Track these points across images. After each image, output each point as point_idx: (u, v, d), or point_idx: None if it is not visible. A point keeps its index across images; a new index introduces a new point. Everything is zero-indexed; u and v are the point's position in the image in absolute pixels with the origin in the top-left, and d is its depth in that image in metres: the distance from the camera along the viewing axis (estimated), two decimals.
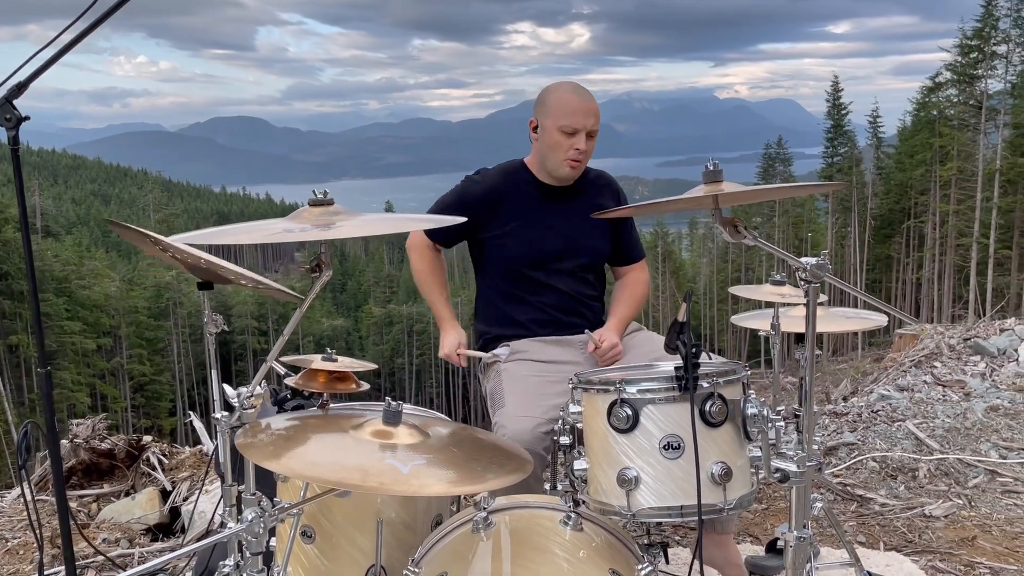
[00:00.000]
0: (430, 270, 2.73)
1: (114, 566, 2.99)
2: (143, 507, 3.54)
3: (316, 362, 2.11)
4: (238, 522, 1.58)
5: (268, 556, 1.79)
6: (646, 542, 1.79)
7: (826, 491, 3.67)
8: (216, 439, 1.74)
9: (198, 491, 3.46)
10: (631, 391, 1.58)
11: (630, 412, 1.57)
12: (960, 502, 3.49)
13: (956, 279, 37.61)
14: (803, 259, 1.58)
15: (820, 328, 1.90)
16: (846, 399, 6.99)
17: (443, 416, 2.01)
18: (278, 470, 1.41)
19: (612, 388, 1.59)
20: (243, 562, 1.67)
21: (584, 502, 1.68)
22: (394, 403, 1.56)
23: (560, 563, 1.59)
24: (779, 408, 1.67)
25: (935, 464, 3.87)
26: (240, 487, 1.74)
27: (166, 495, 3.66)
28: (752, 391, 1.66)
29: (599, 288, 2.74)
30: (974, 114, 36.20)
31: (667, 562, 1.93)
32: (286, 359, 2.25)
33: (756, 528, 3.32)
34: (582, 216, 2.56)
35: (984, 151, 35.20)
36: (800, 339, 1.63)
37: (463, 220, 1.75)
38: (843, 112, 44.75)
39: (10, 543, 3.29)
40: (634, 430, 1.58)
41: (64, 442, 3.87)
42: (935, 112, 38.87)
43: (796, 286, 1.67)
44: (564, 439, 1.78)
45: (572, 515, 1.65)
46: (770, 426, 1.59)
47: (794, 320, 2.37)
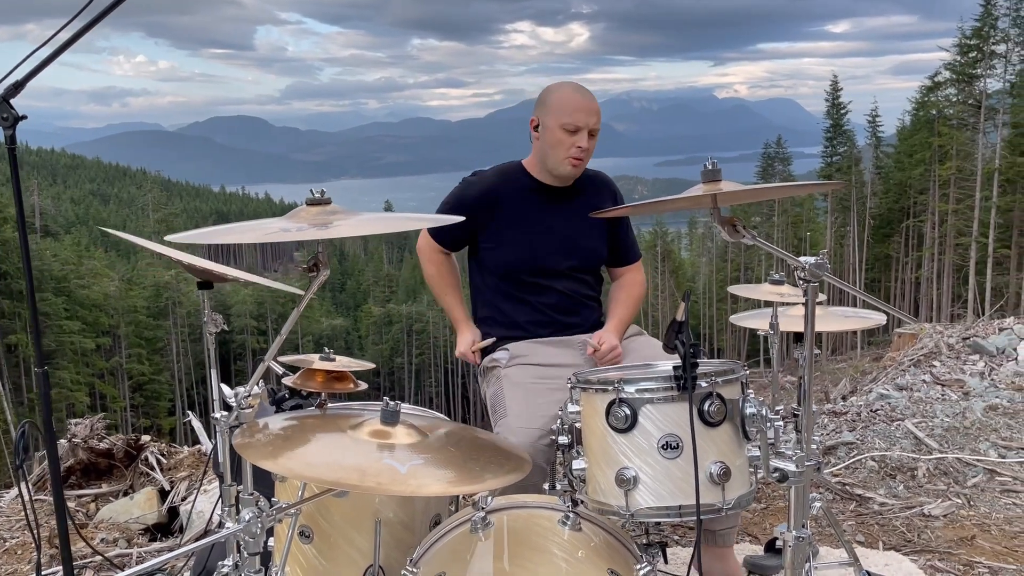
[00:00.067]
0: (440, 274, 2.74)
1: (112, 566, 2.99)
2: (141, 507, 3.54)
3: (314, 362, 2.10)
4: (236, 522, 1.58)
5: (266, 556, 1.79)
6: (645, 542, 1.79)
7: (825, 490, 3.67)
8: (215, 439, 1.74)
9: (196, 491, 3.46)
10: (629, 391, 1.58)
11: (628, 412, 1.56)
12: (959, 501, 3.49)
13: (955, 278, 37.64)
14: (802, 258, 1.57)
15: (819, 327, 1.90)
16: (845, 398, 6.99)
17: (442, 416, 2.01)
18: (275, 470, 1.41)
19: (610, 388, 1.59)
20: (241, 562, 1.66)
21: (582, 502, 1.68)
22: (392, 403, 1.56)
23: (558, 563, 1.59)
24: (778, 408, 1.66)
25: (934, 463, 3.87)
26: (239, 487, 1.73)
27: (164, 495, 3.66)
28: (751, 391, 1.66)
29: (597, 288, 2.73)
30: (973, 113, 36.22)
31: (666, 562, 1.93)
32: (284, 359, 2.24)
33: (755, 527, 3.32)
34: (580, 216, 2.55)
35: (983, 150, 35.23)
36: (799, 338, 1.63)
37: (460, 219, 1.75)
38: (842, 111, 44.77)
39: (8, 543, 3.29)
40: (632, 430, 1.57)
41: (62, 442, 3.86)
42: (934, 111, 38.90)
43: (795, 285, 1.66)
44: (563, 439, 1.77)
45: (571, 515, 1.65)
46: (769, 426, 1.59)
47: (793, 319, 2.37)
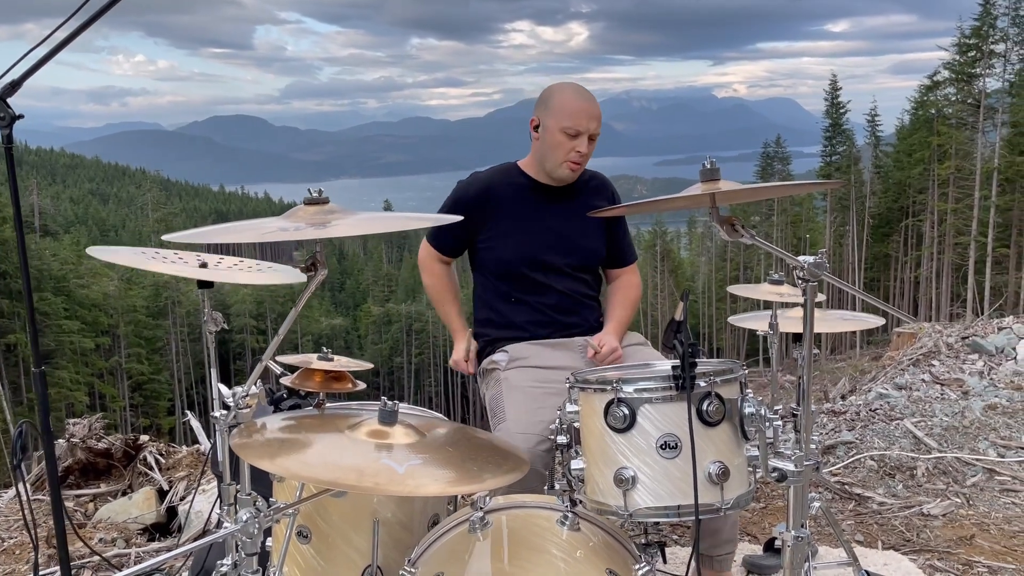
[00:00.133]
0: (439, 284, 2.73)
1: (110, 566, 2.98)
2: (140, 507, 3.54)
3: (312, 361, 2.10)
4: (234, 522, 1.57)
5: (264, 556, 1.79)
6: (643, 542, 1.78)
7: (824, 490, 3.66)
8: (213, 438, 1.73)
9: (194, 491, 3.45)
10: (628, 390, 1.57)
11: (627, 411, 1.56)
12: (958, 501, 3.49)
13: (954, 278, 37.64)
14: (801, 258, 1.57)
15: (817, 329, 1.90)
16: (844, 398, 6.99)
17: (440, 416, 2.00)
18: (273, 470, 1.40)
19: (609, 387, 1.59)
20: (240, 562, 1.66)
21: (581, 502, 1.68)
22: (390, 403, 1.55)
23: (557, 563, 1.58)
24: (777, 407, 1.66)
25: (933, 463, 3.86)
26: (237, 487, 1.73)
27: (163, 495, 3.65)
28: (750, 390, 1.65)
29: (596, 288, 2.72)
30: (972, 113, 36.23)
31: (664, 562, 1.92)
32: (283, 358, 2.24)
33: (754, 527, 3.32)
34: (578, 216, 2.54)
35: (982, 149, 35.23)
36: (798, 338, 1.63)
37: (458, 218, 1.74)
38: (841, 111, 44.75)
39: (6, 543, 3.28)
40: (631, 429, 1.57)
41: (61, 442, 3.86)
42: (933, 111, 38.90)
43: (794, 285, 1.66)
44: (561, 438, 1.77)
45: (569, 515, 1.64)
46: (768, 425, 1.58)
47: (792, 321, 2.37)
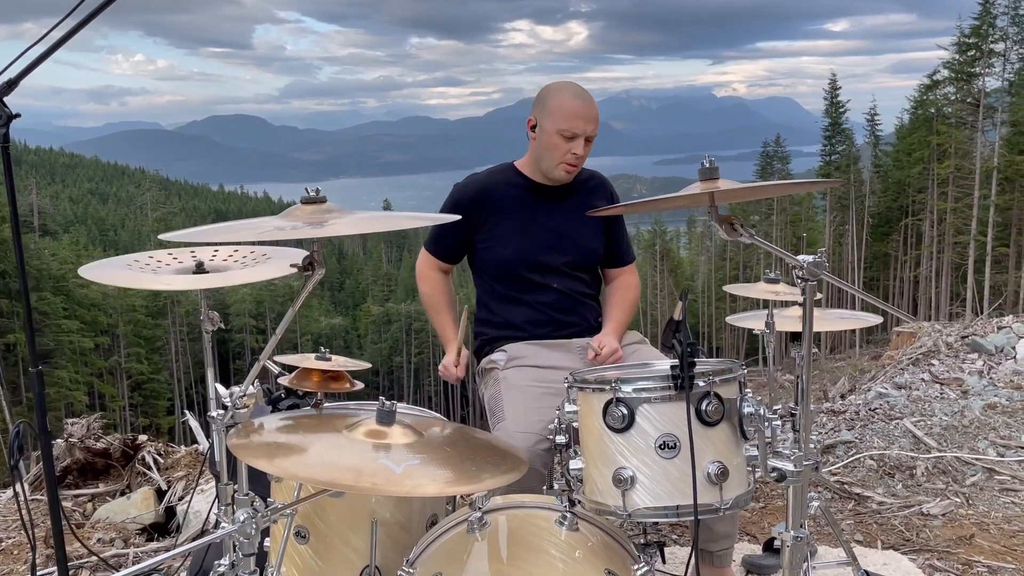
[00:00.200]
0: (437, 294, 2.68)
1: (107, 567, 2.98)
2: (138, 507, 3.53)
3: (310, 361, 2.09)
4: (231, 522, 1.57)
5: (262, 556, 1.78)
6: (642, 542, 1.78)
7: (823, 489, 3.66)
8: (211, 438, 1.72)
9: (193, 490, 3.45)
10: (626, 390, 1.57)
11: (626, 411, 1.56)
12: (958, 500, 3.48)
13: (954, 277, 37.66)
14: (800, 257, 1.57)
15: (816, 328, 1.89)
16: (844, 397, 6.99)
17: (438, 415, 2.00)
18: (270, 471, 1.40)
19: (607, 387, 1.58)
20: (237, 562, 1.65)
21: (580, 502, 1.67)
22: (388, 403, 1.55)
23: (556, 563, 1.58)
24: (776, 407, 1.65)
25: (933, 462, 3.86)
26: (234, 487, 1.72)
27: (161, 494, 3.65)
28: (749, 390, 1.65)
29: (594, 287, 2.71)
30: (972, 112, 36.23)
31: (664, 562, 1.92)
32: (281, 358, 2.23)
33: (753, 527, 3.31)
34: (575, 215, 2.54)
35: (982, 149, 35.24)
36: (796, 337, 1.62)
37: (456, 218, 1.74)
38: (841, 110, 44.74)
39: (4, 543, 3.28)
40: (630, 429, 1.57)
41: (59, 441, 3.85)
42: (933, 110, 38.90)
43: (793, 284, 1.66)
44: (560, 438, 1.76)
45: (568, 515, 1.64)
46: (767, 425, 1.58)
47: (789, 319, 2.36)
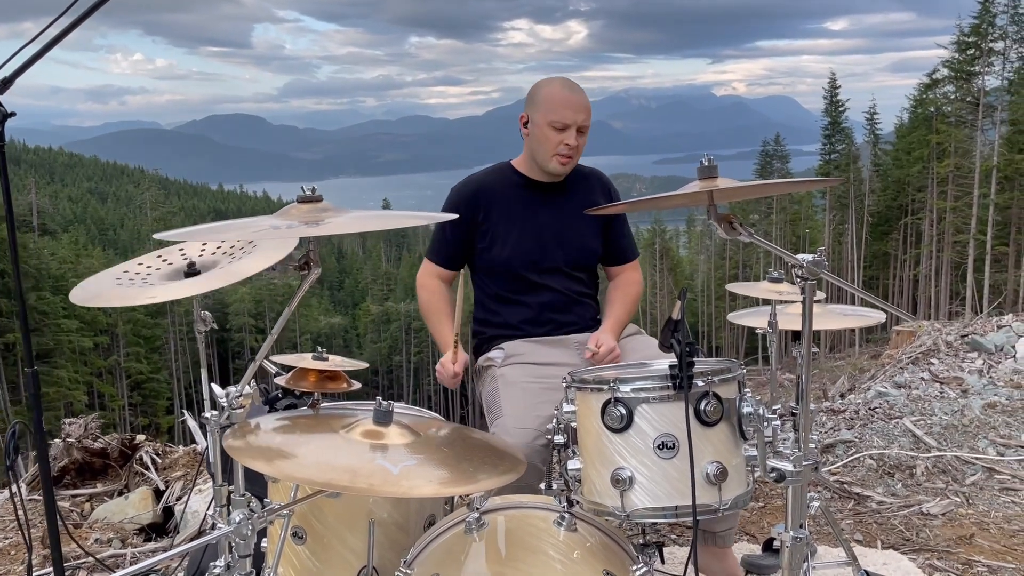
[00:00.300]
0: (437, 300, 2.62)
1: (104, 568, 2.97)
2: (136, 507, 3.52)
3: (307, 361, 2.08)
4: (227, 523, 1.56)
5: (259, 557, 1.77)
6: (641, 542, 1.77)
7: (823, 489, 3.65)
8: (208, 438, 1.71)
9: (190, 491, 3.44)
10: (625, 390, 1.56)
11: (624, 411, 1.54)
12: (958, 500, 3.48)
13: (953, 276, 37.66)
14: (800, 256, 1.56)
15: (817, 326, 1.88)
16: (843, 396, 6.98)
17: (436, 415, 1.99)
18: (266, 471, 1.39)
19: (606, 387, 1.57)
20: (234, 563, 1.64)
21: (578, 502, 1.66)
22: (385, 403, 1.54)
23: (554, 564, 1.57)
24: (775, 406, 1.64)
25: (932, 461, 3.85)
26: (231, 487, 1.71)
27: (159, 495, 3.64)
28: (748, 389, 1.64)
29: (592, 286, 2.70)
30: (971, 111, 36.24)
31: (663, 562, 1.91)
32: (278, 358, 2.22)
33: (753, 527, 3.31)
34: (573, 213, 2.53)
35: (981, 148, 35.24)
36: (797, 336, 1.61)
37: (453, 217, 1.73)
38: (840, 109, 44.74)
39: (1, 544, 3.27)
40: (628, 429, 1.55)
41: (57, 441, 3.85)
42: (932, 109, 38.90)
43: (793, 283, 1.65)
44: (558, 438, 1.75)
45: (566, 515, 1.63)
46: (766, 425, 1.57)
47: (791, 317, 2.35)
